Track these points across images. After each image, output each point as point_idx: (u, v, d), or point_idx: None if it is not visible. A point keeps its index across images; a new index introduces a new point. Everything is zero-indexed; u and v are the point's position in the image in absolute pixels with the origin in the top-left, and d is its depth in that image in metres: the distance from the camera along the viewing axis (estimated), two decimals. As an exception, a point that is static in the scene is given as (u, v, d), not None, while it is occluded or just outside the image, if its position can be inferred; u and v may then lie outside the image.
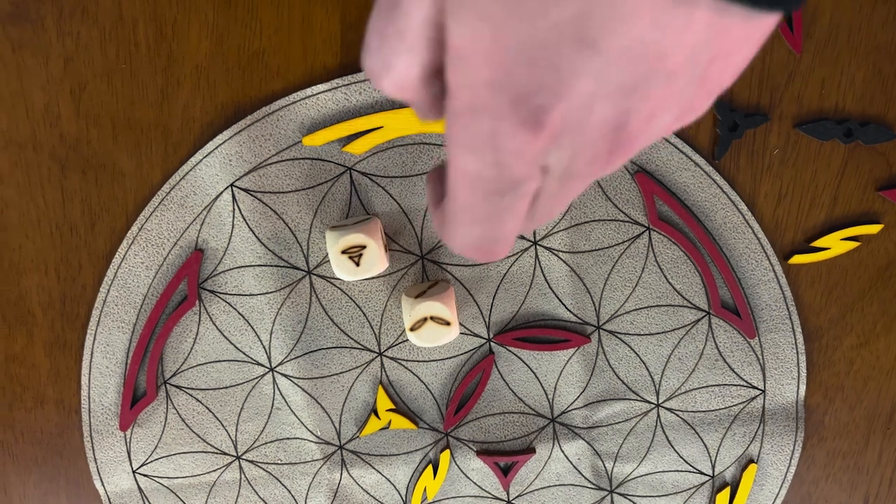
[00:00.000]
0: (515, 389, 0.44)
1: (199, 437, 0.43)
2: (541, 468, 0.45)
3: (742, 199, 0.41)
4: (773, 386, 0.44)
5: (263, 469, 0.44)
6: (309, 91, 0.37)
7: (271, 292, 0.41)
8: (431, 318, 0.38)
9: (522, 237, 0.41)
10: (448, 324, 0.38)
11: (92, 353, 0.41)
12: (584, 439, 0.45)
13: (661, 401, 0.44)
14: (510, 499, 0.45)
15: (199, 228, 0.39)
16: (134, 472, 0.44)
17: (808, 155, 0.40)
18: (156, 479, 0.44)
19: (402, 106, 0.38)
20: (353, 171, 0.39)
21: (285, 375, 0.42)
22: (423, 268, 0.41)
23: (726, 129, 0.40)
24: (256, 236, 0.40)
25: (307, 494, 0.45)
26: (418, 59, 0.21)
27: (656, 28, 0.18)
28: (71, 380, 0.42)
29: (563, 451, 0.45)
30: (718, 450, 0.45)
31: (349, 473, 0.45)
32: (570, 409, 0.44)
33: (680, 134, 0.40)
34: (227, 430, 0.43)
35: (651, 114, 0.20)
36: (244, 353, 0.42)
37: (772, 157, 0.40)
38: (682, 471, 0.46)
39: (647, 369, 0.43)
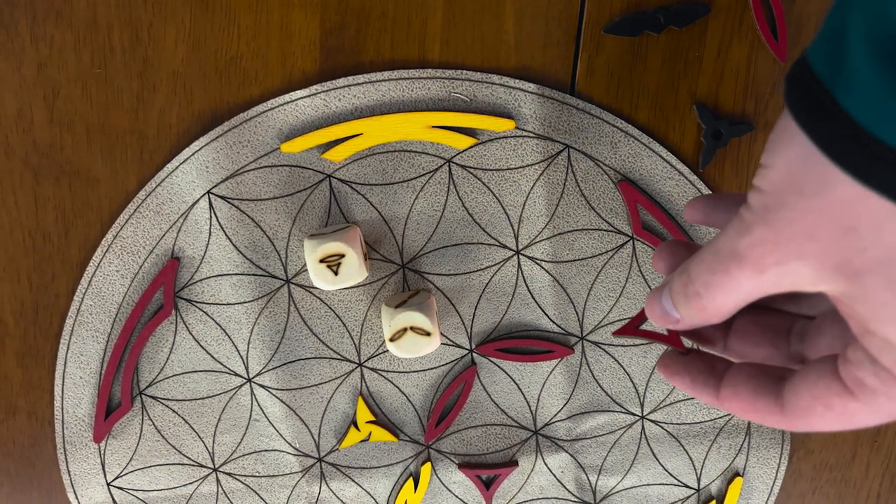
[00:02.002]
0: (498, 401, 0.43)
1: (175, 448, 0.43)
2: (524, 481, 0.44)
3: (727, 209, 0.40)
4: (758, 398, 0.43)
5: (241, 482, 0.43)
6: (287, 97, 0.37)
7: (249, 301, 0.40)
8: (412, 328, 0.38)
9: (504, 246, 0.40)
10: (429, 334, 0.38)
11: (65, 364, 0.41)
12: (567, 452, 0.44)
13: (645, 413, 0.44)
14: (493, 512, 0.45)
15: (175, 236, 0.39)
16: (108, 484, 0.43)
17: (793, 164, 0.40)
18: (131, 492, 0.43)
19: (382, 112, 0.37)
20: (332, 179, 0.38)
21: (263, 386, 0.42)
22: (404, 277, 0.40)
23: (711, 137, 0.39)
24: (234, 244, 0.39)
25: (286, 508, 0.44)
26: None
27: None
28: (44, 390, 0.41)
29: (546, 464, 0.44)
30: (704, 463, 0.45)
31: (328, 486, 0.44)
32: (553, 421, 0.43)
33: (664, 142, 0.39)
34: (203, 442, 0.43)
35: None
36: (221, 364, 0.41)
37: (757, 167, 0.40)
38: (667, 484, 0.45)
39: (632, 381, 0.43)
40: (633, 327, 0.32)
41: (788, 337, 0.27)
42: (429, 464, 0.44)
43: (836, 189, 0.21)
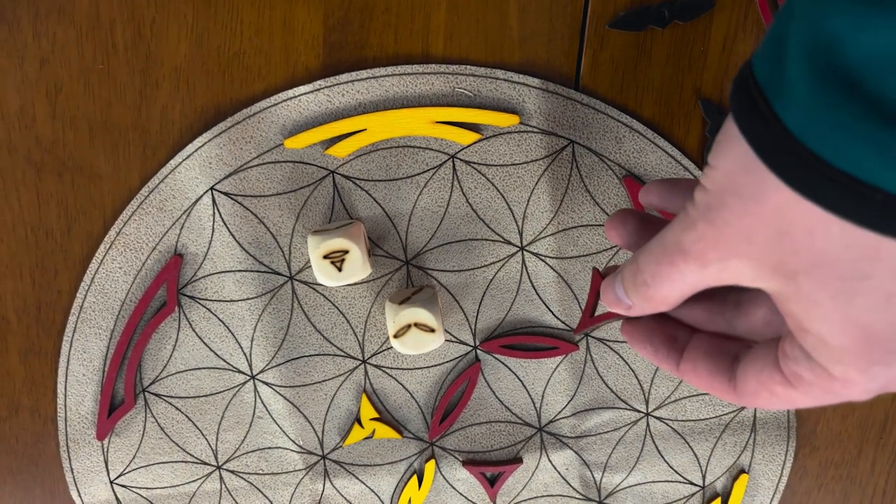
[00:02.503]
0: (502, 398, 0.43)
1: (178, 446, 0.42)
2: (528, 478, 0.44)
3: (732, 205, 0.40)
4: (764, 394, 0.43)
5: (244, 479, 0.43)
6: (291, 93, 0.37)
7: (252, 298, 0.40)
8: (416, 324, 0.38)
9: (509, 242, 0.40)
10: (433, 331, 0.38)
11: (68, 361, 0.40)
12: (572, 449, 0.44)
13: (650, 409, 0.43)
14: (497, 510, 0.45)
15: (178, 233, 0.39)
16: (111, 482, 0.43)
17: (799, 159, 0.40)
18: (134, 489, 0.43)
19: (385, 108, 0.37)
20: (335, 175, 0.38)
21: (267, 383, 0.41)
22: (408, 273, 0.40)
23: (716, 132, 0.39)
24: (237, 241, 0.39)
25: (289, 505, 0.44)
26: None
27: None
28: (46, 388, 0.41)
29: (550, 461, 0.44)
30: (709, 460, 0.44)
31: (332, 484, 0.44)
32: (557, 417, 0.43)
33: (669, 138, 0.39)
34: (207, 440, 0.42)
35: None
36: (224, 361, 0.41)
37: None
38: (672, 481, 0.45)
39: (637, 377, 0.43)
40: (588, 317, 0.35)
41: (724, 304, 0.29)
42: (433, 461, 0.44)
43: (771, 195, 0.22)
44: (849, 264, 0.22)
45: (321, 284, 0.39)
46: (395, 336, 0.38)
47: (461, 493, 0.44)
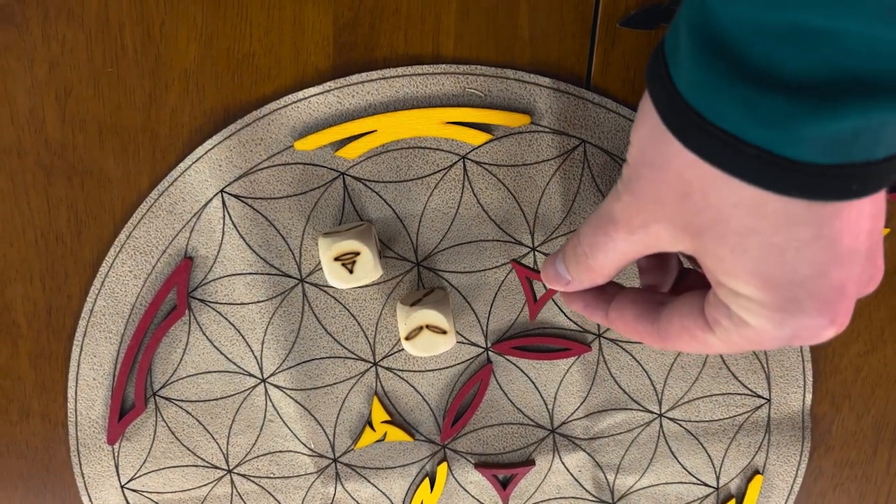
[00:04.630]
0: (514, 400, 0.42)
1: (189, 450, 0.42)
2: (541, 481, 0.44)
3: (745, 203, 0.40)
4: (778, 394, 0.43)
5: (256, 483, 0.43)
6: (301, 94, 0.37)
7: (263, 301, 0.40)
8: (427, 326, 0.37)
9: (520, 243, 0.40)
10: (444, 332, 0.37)
11: (78, 365, 0.40)
12: (585, 451, 0.43)
13: (663, 411, 0.43)
14: (509, 512, 0.44)
15: (188, 236, 0.38)
16: (122, 487, 0.43)
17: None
18: (145, 494, 0.43)
19: (395, 109, 0.37)
20: (346, 176, 0.38)
21: (278, 387, 0.41)
22: (419, 275, 0.40)
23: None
24: (247, 243, 0.39)
25: (301, 509, 0.44)
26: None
27: (872, 212, 0.24)
28: (57, 392, 0.41)
29: (563, 463, 0.44)
30: (723, 461, 0.44)
31: (344, 487, 0.43)
32: (570, 419, 0.43)
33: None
34: (217, 444, 0.42)
35: (882, 248, 0.27)
36: (235, 364, 0.41)
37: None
38: (685, 483, 0.44)
39: (650, 378, 0.42)
40: (534, 304, 0.37)
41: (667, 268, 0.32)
42: (445, 464, 0.43)
43: (673, 161, 0.24)
44: (739, 220, 0.24)
45: (332, 287, 0.39)
46: (407, 338, 0.38)
47: (473, 496, 0.44)
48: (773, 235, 0.24)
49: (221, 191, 0.38)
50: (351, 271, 0.36)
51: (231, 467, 0.43)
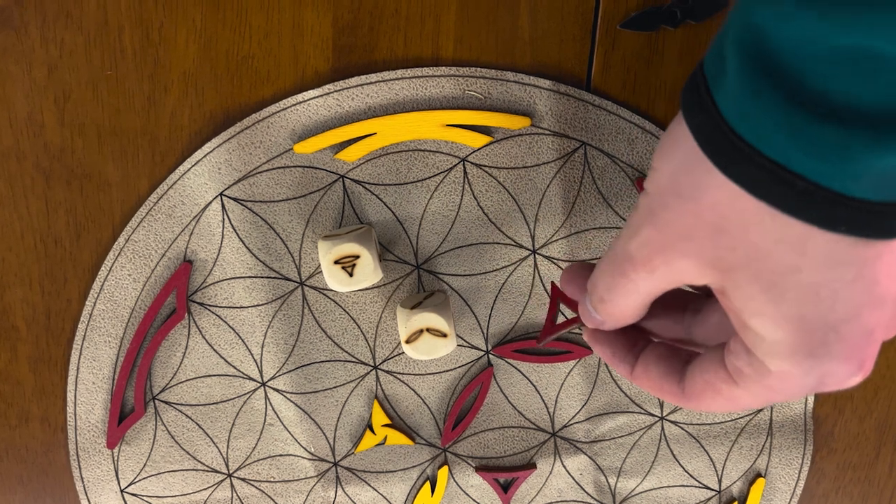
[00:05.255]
0: (515, 403, 0.42)
1: (189, 454, 0.42)
2: (542, 484, 0.44)
3: (746, 205, 0.40)
4: (780, 397, 0.43)
5: (256, 487, 0.43)
6: (300, 97, 0.36)
7: (262, 304, 0.39)
8: (428, 329, 0.37)
9: (520, 245, 0.39)
10: (445, 336, 0.37)
11: (78, 369, 0.40)
12: (586, 454, 0.43)
13: (665, 413, 0.43)
14: (511, 516, 0.44)
15: (187, 239, 0.38)
16: (122, 491, 0.42)
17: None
18: (144, 498, 0.43)
19: (395, 111, 0.37)
20: (345, 179, 0.38)
21: (277, 390, 0.41)
22: (419, 278, 0.40)
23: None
24: (247, 247, 0.39)
25: (301, 513, 0.43)
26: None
27: None
28: (56, 396, 0.41)
29: (564, 467, 0.43)
30: (725, 464, 0.44)
31: (344, 491, 0.43)
32: (571, 422, 0.43)
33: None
34: (217, 448, 0.42)
35: None
36: (235, 368, 0.41)
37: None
38: (687, 486, 0.44)
39: (651, 381, 0.42)
40: (550, 324, 0.35)
41: (684, 311, 0.30)
42: (446, 467, 0.43)
43: (708, 193, 0.23)
44: (779, 258, 0.22)
45: (332, 290, 0.39)
46: (407, 341, 0.37)
47: (474, 500, 0.44)
48: (814, 274, 0.22)
49: (221, 194, 0.38)
50: (351, 274, 0.36)
51: (231, 471, 0.43)
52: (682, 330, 0.30)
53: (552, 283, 0.33)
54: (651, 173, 0.24)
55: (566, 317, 0.41)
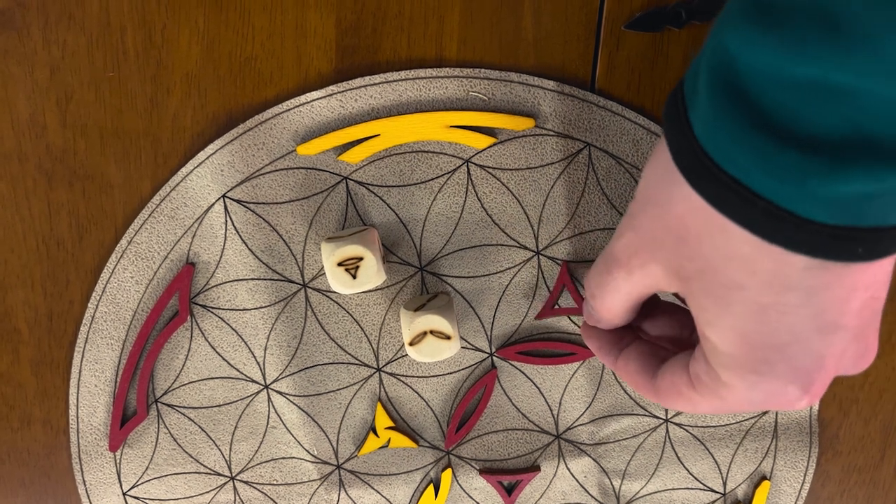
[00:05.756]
0: (519, 405, 0.42)
1: (191, 457, 0.42)
2: (546, 487, 0.44)
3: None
4: (785, 399, 0.43)
5: (258, 490, 0.43)
6: (303, 98, 0.36)
7: (265, 307, 0.39)
8: (431, 332, 0.37)
9: (524, 247, 0.39)
10: (449, 338, 0.37)
11: (80, 372, 0.40)
12: (590, 456, 0.43)
13: (669, 416, 0.43)
14: (514, 519, 0.44)
15: (190, 241, 0.38)
16: (124, 494, 0.42)
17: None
18: (147, 501, 0.42)
19: (399, 113, 0.37)
20: (349, 181, 0.38)
21: (280, 393, 0.41)
22: (423, 280, 0.40)
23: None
24: (249, 249, 0.38)
25: (304, 516, 0.43)
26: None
27: (873, 284, 0.23)
28: (58, 399, 0.41)
29: (568, 469, 0.43)
30: (730, 466, 0.44)
31: (347, 494, 0.43)
32: (575, 425, 0.43)
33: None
34: (220, 450, 0.42)
35: (877, 329, 0.26)
36: (238, 370, 0.40)
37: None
38: (692, 488, 0.44)
39: (655, 383, 0.42)
40: (551, 307, 0.38)
41: (679, 312, 0.31)
42: (449, 470, 0.43)
43: (676, 204, 0.24)
44: (728, 274, 0.23)
45: (335, 292, 0.39)
46: (411, 343, 0.37)
47: (478, 502, 0.44)
48: (760, 295, 0.23)
49: (223, 196, 0.38)
50: (354, 276, 0.36)
51: (234, 474, 0.42)
52: (678, 329, 0.31)
53: (564, 262, 0.35)
54: (640, 181, 0.26)
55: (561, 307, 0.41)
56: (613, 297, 0.28)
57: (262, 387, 0.41)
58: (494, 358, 0.41)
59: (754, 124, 0.21)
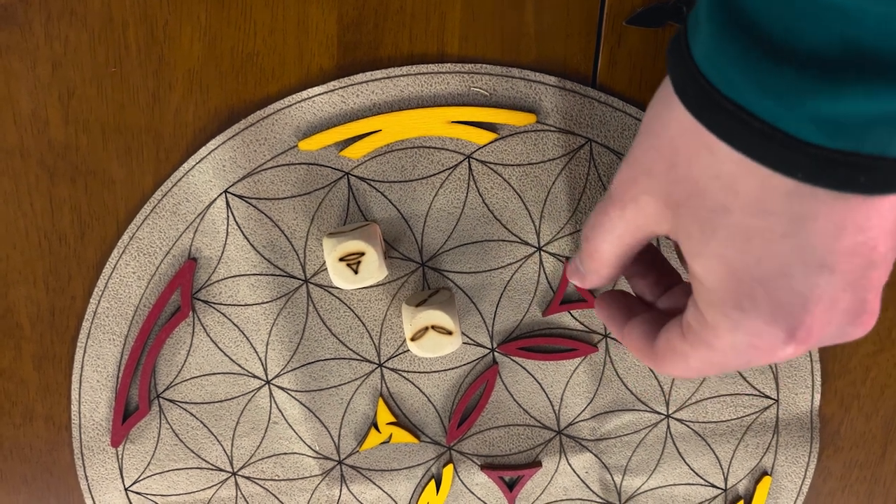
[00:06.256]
0: (520, 401, 0.42)
1: (193, 452, 0.42)
2: (547, 482, 0.44)
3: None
4: (786, 395, 0.43)
5: (260, 485, 0.43)
6: (305, 94, 0.36)
7: (267, 302, 0.39)
8: (433, 327, 0.37)
9: (526, 242, 0.39)
10: (450, 333, 0.37)
11: (82, 367, 0.40)
12: (591, 452, 0.43)
13: (671, 411, 0.43)
14: (516, 514, 0.44)
15: (192, 237, 0.38)
16: (126, 489, 0.42)
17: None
18: (149, 496, 0.43)
19: (400, 108, 0.37)
20: (350, 176, 0.38)
21: (282, 388, 0.41)
22: (424, 275, 0.40)
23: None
24: (251, 244, 0.38)
25: (306, 512, 0.43)
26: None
27: (867, 227, 0.22)
28: (61, 395, 0.41)
29: (570, 465, 0.43)
30: (731, 462, 0.44)
31: (349, 489, 0.43)
32: (577, 420, 0.43)
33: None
34: (222, 446, 0.42)
35: (878, 288, 0.24)
36: (239, 366, 0.41)
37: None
38: (693, 484, 0.44)
39: (657, 379, 0.42)
40: (558, 304, 0.38)
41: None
42: (451, 465, 0.43)
43: (670, 127, 0.24)
44: (713, 196, 0.23)
45: (336, 287, 0.39)
46: (412, 339, 0.37)
47: (479, 498, 0.44)
48: (744, 219, 0.23)
49: (225, 191, 0.38)
50: (356, 272, 0.36)
51: (236, 470, 0.43)
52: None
53: (567, 260, 0.34)
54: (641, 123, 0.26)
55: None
56: (605, 238, 0.28)
57: (263, 382, 0.41)
58: (496, 353, 0.41)
59: (752, 44, 0.21)
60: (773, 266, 0.23)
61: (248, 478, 0.43)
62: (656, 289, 0.32)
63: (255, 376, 0.41)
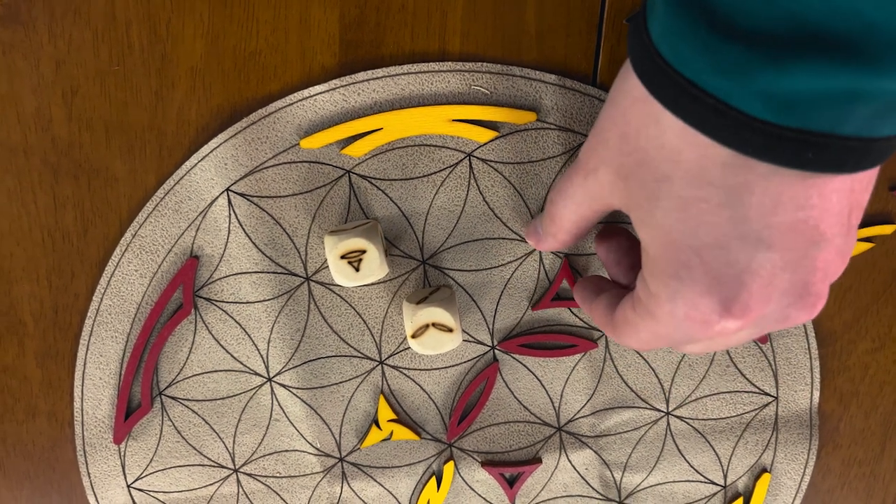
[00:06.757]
0: (520, 398, 0.42)
1: (195, 449, 0.42)
2: (547, 479, 0.44)
3: (751, 200, 0.40)
4: (786, 392, 0.43)
5: (262, 482, 0.43)
6: (306, 92, 0.37)
7: (269, 300, 0.40)
8: (433, 324, 0.37)
9: (526, 240, 0.40)
10: (451, 330, 0.37)
11: (85, 364, 0.40)
12: (591, 448, 0.43)
13: (670, 409, 0.43)
14: (516, 511, 0.44)
15: (194, 234, 0.38)
16: (128, 486, 0.43)
17: (819, 154, 0.39)
18: (151, 493, 0.43)
19: (401, 106, 0.37)
20: (352, 174, 0.38)
21: (284, 385, 0.41)
22: (425, 273, 0.40)
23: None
24: (253, 242, 0.39)
25: (307, 508, 0.43)
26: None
27: (806, 205, 0.22)
28: (63, 391, 0.41)
29: (570, 461, 0.43)
30: (730, 459, 0.44)
31: (350, 486, 0.43)
32: (576, 417, 0.43)
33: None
34: (224, 443, 0.42)
35: (825, 272, 0.23)
36: (241, 363, 0.41)
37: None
38: (693, 481, 0.44)
39: (657, 376, 0.42)
40: (549, 300, 0.39)
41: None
42: (451, 462, 0.43)
43: (625, 98, 0.25)
44: (658, 165, 0.24)
45: (338, 285, 0.39)
46: (413, 336, 0.37)
47: (480, 495, 0.44)
48: (684, 188, 0.23)
49: (227, 189, 0.38)
50: (357, 269, 0.36)
51: (237, 466, 0.43)
52: None
53: (565, 257, 0.36)
54: None
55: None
56: (566, 205, 0.29)
57: (265, 380, 0.41)
58: (496, 351, 0.41)
59: (703, 21, 0.21)
60: (709, 237, 0.23)
61: (249, 475, 0.43)
62: (630, 273, 0.32)
63: (256, 374, 0.41)
